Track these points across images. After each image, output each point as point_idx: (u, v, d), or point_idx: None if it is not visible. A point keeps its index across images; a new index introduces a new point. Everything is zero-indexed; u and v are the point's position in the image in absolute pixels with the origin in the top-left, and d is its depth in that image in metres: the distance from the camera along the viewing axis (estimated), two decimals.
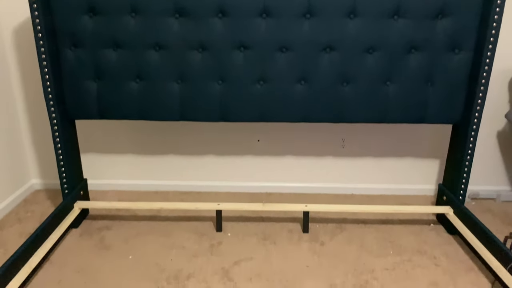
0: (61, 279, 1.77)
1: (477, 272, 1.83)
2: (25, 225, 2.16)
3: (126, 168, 2.53)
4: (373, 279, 1.79)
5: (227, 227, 2.17)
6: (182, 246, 2.02)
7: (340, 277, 1.80)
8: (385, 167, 2.50)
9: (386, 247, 2.01)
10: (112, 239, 2.06)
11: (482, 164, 2.45)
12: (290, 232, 2.14)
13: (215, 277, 1.80)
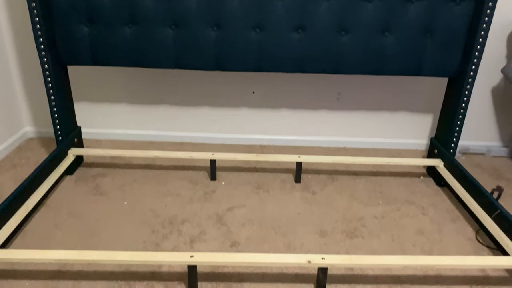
0: (57, 223, 1.80)
1: (463, 222, 1.89)
2: (20, 171, 2.17)
3: (121, 117, 2.51)
4: (362, 226, 1.84)
5: (221, 176, 2.19)
6: (177, 193, 2.04)
7: (330, 224, 1.85)
8: (379, 121, 2.51)
9: (376, 197, 2.06)
10: (107, 185, 2.08)
11: (474, 119, 2.47)
12: (283, 182, 2.17)
13: (209, 222, 1.84)
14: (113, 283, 1.49)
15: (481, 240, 1.76)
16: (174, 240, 1.72)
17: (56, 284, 1.48)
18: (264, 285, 1.50)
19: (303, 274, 1.56)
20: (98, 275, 1.53)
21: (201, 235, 1.76)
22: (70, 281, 1.49)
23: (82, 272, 1.54)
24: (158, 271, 1.55)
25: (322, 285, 1.47)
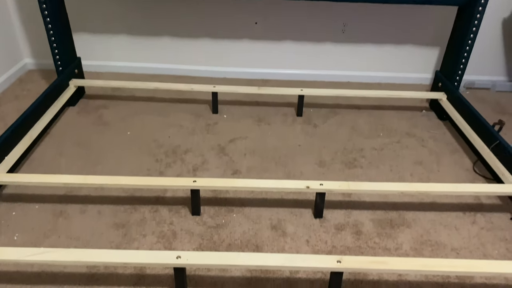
0: (62, 151, 1.85)
1: (461, 153, 1.92)
2: (22, 103, 2.19)
3: (120, 50, 2.48)
4: (361, 157, 1.88)
5: (222, 109, 2.21)
6: (179, 125, 2.07)
7: (329, 154, 1.89)
8: (384, 55, 2.47)
9: (376, 129, 2.08)
10: (110, 116, 2.11)
11: (481, 53, 2.43)
12: (285, 115, 2.19)
13: (212, 152, 1.88)
14: (119, 207, 1.56)
15: (478, 171, 1.81)
16: (178, 168, 1.78)
17: (64, 208, 1.55)
18: (264, 210, 1.57)
19: (302, 200, 1.62)
20: (105, 199, 1.59)
21: (203, 164, 1.81)
22: (78, 205, 1.57)
23: (89, 196, 1.61)
24: (162, 196, 1.62)
25: (319, 210, 1.54)
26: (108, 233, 1.45)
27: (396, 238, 1.47)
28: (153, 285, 1.28)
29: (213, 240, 1.44)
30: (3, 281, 1.27)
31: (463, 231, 1.50)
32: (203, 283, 1.29)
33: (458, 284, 1.31)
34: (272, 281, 1.31)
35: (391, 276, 1.33)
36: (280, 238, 1.46)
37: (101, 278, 1.30)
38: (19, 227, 1.46)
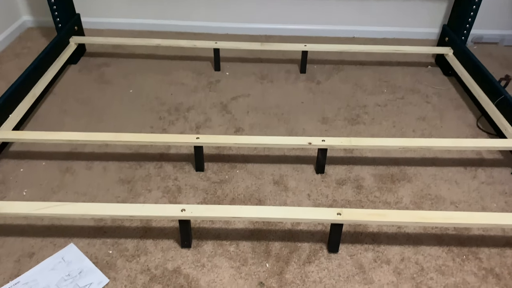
0: (66, 109, 1.87)
1: (466, 109, 1.92)
2: (23, 61, 2.18)
3: (120, 5, 2.44)
4: (364, 113, 1.89)
5: (225, 67, 2.20)
6: (181, 82, 2.07)
7: (332, 111, 1.90)
8: (390, 9, 2.41)
9: (380, 86, 2.07)
10: (112, 74, 2.11)
11: (489, 6, 2.36)
12: (288, 72, 2.18)
13: (214, 109, 1.90)
14: (124, 164, 1.60)
15: (482, 127, 1.81)
16: (181, 126, 1.80)
17: (70, 164, 1.59)
18: (266, 166, 1.60)
19: (304, 156, 1.65)
20: (109, 156, 1.63)
21: (206, 121, 1.82)
22: (83, 162, 1.60)
23: (94, 153, 1.64)
24: (166, 153, 1.65)
25: (321, 166, 1.56)
26: (114, 189, 1.50)
27: (397, 192, 1.50)
28: (159, 237, 1.33)
29: (216, 195, 1.49)
30: (15, 234, 1.33)
31: (463, 186, 1.53)
32: (208, 235, 1.34)
33: (456, 236, 1.35)
34: (274, 233, 1.36)
35: (390, 228, 1.37)
36: (282, 192, 1.50)
37: (108, 231, 1.35)
38: (27, 183, 1.51)
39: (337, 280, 1.22)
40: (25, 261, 1.25)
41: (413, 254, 1.29)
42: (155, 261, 1.27)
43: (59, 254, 1.28)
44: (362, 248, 1.31)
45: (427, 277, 1.23)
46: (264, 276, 1.23)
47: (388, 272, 1.24)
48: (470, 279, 1.23)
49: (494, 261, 1.27)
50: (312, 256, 1.29)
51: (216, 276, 1.23)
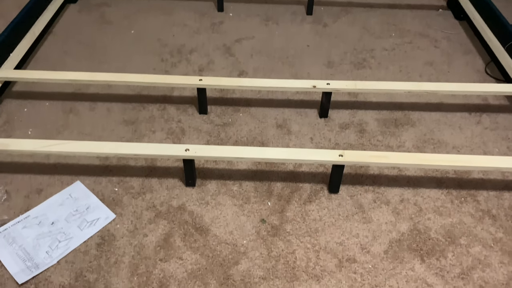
0: (66, 50, 1.86)
1: (475, 54, 1.90)
2: None
3: None
4: (371, 57, 1.87)
5: (228, 7, 2.15)
6: (184, 23, 2.04)
7: (338, 55, 1.88)
8: None
9: (388, 29, 2.04)
10: (112, 15, 2.07)
11: None
12: (294, 14, 2.13)
13: (217, 52, 1.88)
14: (128, 105, 1.62)
15: (490, 73, 1.80)
16: (183, 68, 1.80)
17: (74, 105, 1.61)
18: (270, 110, 1.62)
19: (308, 101, 1.66)
20: (113, 97, 1.64)
21: (209, 64, 1.82)
22: (87, 103, 1.62)
23: (97, 95, 1.66)
24: (169, 95, 1.66)
25: (325, 110, 1.58)
26: (119, 129, 1.52)
27: (399, 137, 1.52)
28: (164, 176, 1.38)
29: (220, 137, 1.51)
30: (23, 172, 1.37)
31: (467, 131, 1.55)
32: (211, 175, 1.39)
33: (455, 179, 1.39)
34: (276, 174, 1.40)
35: (391, 171, 1.41)
36: (285, 136, 1.53)
37: (114, 169, 1.39)
38: (32, 123, 1.53)
39: (337, 218, 1.28)
40: (34, 197, 1.31)
41: (412, 196, 1.34)
42: (160, 198, 1.32)
43: (67, 191, 1.33)
44: (362, 190, 1.35)
45: (425, 218, 1.28)
46: (266, 213, 1.29)
47: (387, 212, 1.29)
48: (466, 219, 1.28)
49: (492, 203, 1.32)
50: (313, 196, 1.33)
51: (220, 213, 1.29)
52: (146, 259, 1.17)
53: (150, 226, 1.25)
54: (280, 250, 1.20)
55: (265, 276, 1.14)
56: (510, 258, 1.18)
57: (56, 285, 1.11)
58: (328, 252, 1.19)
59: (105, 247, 1.19)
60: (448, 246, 1.21)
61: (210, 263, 1.17)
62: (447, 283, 1.13)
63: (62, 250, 1.18)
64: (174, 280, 1.13)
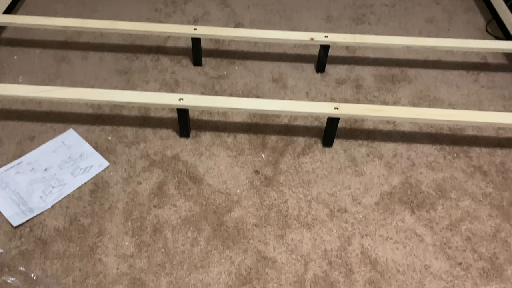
0: None
1: (476, 12, 1.88)
2: None
3: None
4: (371, 13, 1.85)
5: None
6: None
7: (338, 10, 1.86)
8: None
9: None
10: None
11: None
12: None
13: (212, 3, 1.85)
14: (121, 55, 1.60)
15: (491, 31, 1.79)
16: (178, 19, 1.77)
17: (66, 53, 1.59)
18: (266, 63, 1.61)
19: (305, 55, 1.65)
20: (105, 47, 1.63)
21: (204, 15, 1.79)
22: (79, 51, 1.60)
23: (89, 43, 1.63)
24: (163, 46, 1.64)
25: (322, 64, 1.57)
26: (111, 79, 1.52)
27: (396, 93, 1.53)
28: (158, 126, 1.38)
29: (214, 90, 1.51)
30: (14, 119, 1.37)
31: (463, 89, 1.56)
32: (206, 127, 1.39)
33: (449, 136, 1.41)
34: (271, 127, 1.41)
35: (385, 126, 1.43)
36: (281, 90, 1.53)
37: (107, 118, 1.40)
38: (22, 70, 1.52)
39: (329, 171, 1.30)
40: (26, 144, 1.31)
41: (405, 150, 1.36)
42: (154, 148, 1.33)
43: (59, 139, 1.34)
44: (356, 144, 1.37)
45: (417, 172, 1.31)
46: (259, 165, 1.31)
47: (379, 166, 1.32)
48: (458, 175, 1.31)
49: (484, 160, 1.35)
50: (306, 149, 1.35)
51: (214, 163, 1.30)
52: (140, 205, 1.20)
53: (144, 174, 1.26)
54: (272, 200, 1.23)
55: (257, 223, 1.17)
56: (498, 211, 1.22)
57: (50, 228, 1.14)
58: (320, 203, 1.22)
59: (98, 193, 1.22)
60: (438, 199, 1.24)
61: (203, 210, 1.19)
62: (435, 233, 1.17)
63: (55, 196, 1.20)
64: (168, 225, 1.16)
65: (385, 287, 1.07)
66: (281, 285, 1.06)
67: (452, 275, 1.09)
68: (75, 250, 1.10)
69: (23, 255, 1.09)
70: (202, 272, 1.08)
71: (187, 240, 1.13)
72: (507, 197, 1.25)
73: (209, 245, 1.13)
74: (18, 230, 1.13)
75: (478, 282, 1.08)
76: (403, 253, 1.13)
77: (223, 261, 1.10)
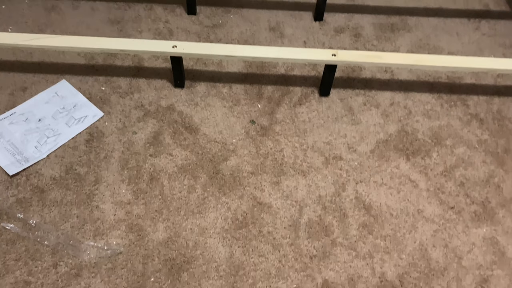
0: None
1: None
2: None
3: None
4: None
5: None
6: None
7: None
8: None
9: None
10: None
11: None
12: None
13: None
14: (113, 4, 1.57)
15: None
16: None
17: (56, 3, 1.56)
18: (263, 12, 1.58)
19: (303, 3, 1.62)
20: None
21: None
22: (69, 1, 1.57)
23: None
24: None
25: (320, 12, 1.55)
26: (104, 29, 1.50)
27: (395, 41, 1.52)
28: (152, 77, 1.38)
29: (210, 39, 1.50)
30: (5, 69, 1.37)
31: (464, 37, 1.54)
32: (201, 77, 1.39)
33: (447, 84, 1.41)
34: (267, 77, 1.41)
35: (383, 75, 1.42)
36: (278, 39, 1.51)
37: (100, 69, 1.39)
38: (11, 20, 1.49)
39: (326, 120, 1.31)
40: (19, 95, 1.31)
41: (403, 99, 1.37)
42: (148, 98, 1.33)
43: (52, 89, 1.33)
44: (353, 93, 1.38)
45: (414, 120, 1.32)
46: (255, 115, 1.31)
47: (376, 114, 1.33)
48: (454, 123, 1.32)
49: (481, 108, 1.35)
50: (303, 99, 1.36)
51: (209, 113, 1.31)
52: (136, 154, 1.21)
53: (139, 124, 1.27)
54: (268, 149, 1.24)
55: (253, 171, 1.19)
56: (493, 158, 1.24)
57: (47, 177, 1.16)
58: (315, 151, 1.24)
59: (94, 143, 1.23)
60: (433, 146, 1.26)
61: (200, 159, 1.21)
62: (429, 179, 1.19)
63: (50, 146, 1.21)
64: (164, 173, 1.18)
65: (378, 230, 1.10)
66: (277, 229, 1.10)
67: (444, 218, 1.12)
68: (72, 197, 1.13)
69: (21, 203, 1.11)
70: (199, 217, 1.11)
71: (183, 187, 1.16)
72: (502, 144, 1.27)
73: (205, 192, 1.15)
74: (15, 179, 1.15)
75: (470, 225, 1.12)
76: (396, 198, 1.15)
77: (220, 207, 1.13)
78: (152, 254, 1.05)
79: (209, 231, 1.09)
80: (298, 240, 1.08)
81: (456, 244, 1.09)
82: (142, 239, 1.07)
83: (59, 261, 1.03)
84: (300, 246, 1.08)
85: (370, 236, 1.09)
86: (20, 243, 1.05)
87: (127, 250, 1.05)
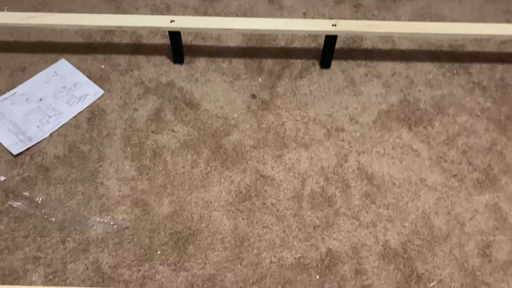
0: None
1: None
2: None
3: None
4: None
5: None
6: None
7: None
8: None
9: None
10: None
11: None
12: None
13: None
14: None
15: None
16: None
17: None
18: None
19: None
20: None
21: None
22: None
23: None
24: None
25: None
26: (100, 6, 1.49)
27: (396, 11, 1.50)
28: (151, 53, 1.38)
29: (207, 14, 1.49)
30: (3, 50, 1.37)
31: (466, 4, 1.53)
32: (200, 52, 1.39)
33: (449, 53, 1.40)
34: (267, 50, 1.40)
35: (384, 45, 1.42)
36: (277, 11, 1.50)
37: (98, 47, 1.39)
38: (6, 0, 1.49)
39: (327, 92, 1.31)
40: (18, 75, 1.32)
41: (404, 69, 1.36)
42: (148, 75, 1.33)
43: (52, 69, 1.34)
44: (354, 64, 1.37)
45: (416, 90, 1.32)
46: (256, 89, 1.32)
47: (377, 85, 1.33)
48: (457, 91, 1.32)
49: (483, 75, 1.35)
50: (304, 72, 1.35)
51: (210, 89, 1.31)
52: (138, 131, 1.22)
53: (139, 101, 1.28)
54: (270, 122, 1.25)
55: (255, 145, 1.20)
56: (495, 125, 1.24)
57: (51, 156, 1.17)
58: (317, 123, 1.25)
59: (96, 121, 1.24)
60: (436, 115, 1.26)
61: (202, 134, 1.22)
62: (431, 148, 1.20)
63: (53, 125, 1.22)
64: (167, 149, 1.19)
65: (381, 199, 1.12)
66: (280, 201, 1.11)
67: (446, 186, 1.14)
68: (76, 175, 1.15)
69: (26, 181, 1.13)
70: (203, 191, 1.13)
71: (186, 162, 1.17)
72: (505, 111, 1.27)
73: (208, 166, 1.17)
74: (19, 159, 1.17)
75: (472, 192, 1.13)
76: (399, 168, 1.17)
77: (223, 181, 1.14)
78: (158, 228, 1.08)
79: (213, 204, 1.11)
80: (302, 211, 1.10)
81: (458, 211, 1.11)
82: (147, 213, 1.09)
83: (67, 237, 1.06)
84: (304, 216, 1.10)
85: (373, 205, 1.11)
86: (28, 221, 1.07)
87: (133, 224, 1.08)
